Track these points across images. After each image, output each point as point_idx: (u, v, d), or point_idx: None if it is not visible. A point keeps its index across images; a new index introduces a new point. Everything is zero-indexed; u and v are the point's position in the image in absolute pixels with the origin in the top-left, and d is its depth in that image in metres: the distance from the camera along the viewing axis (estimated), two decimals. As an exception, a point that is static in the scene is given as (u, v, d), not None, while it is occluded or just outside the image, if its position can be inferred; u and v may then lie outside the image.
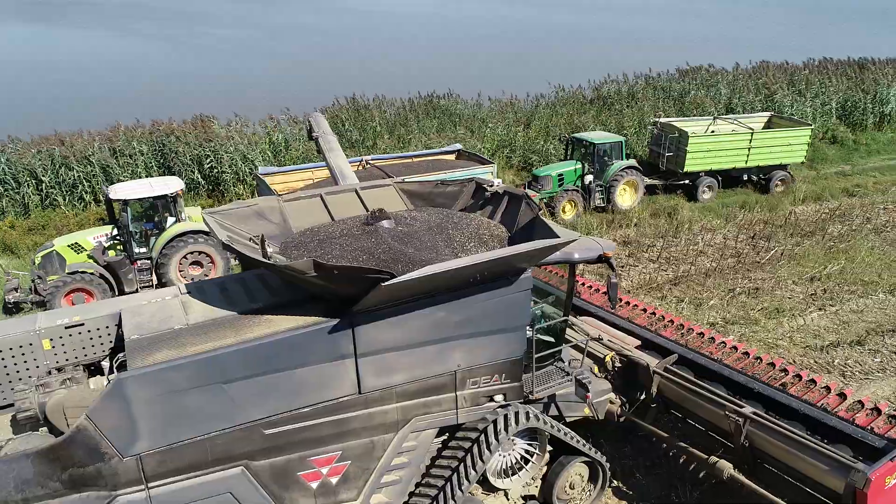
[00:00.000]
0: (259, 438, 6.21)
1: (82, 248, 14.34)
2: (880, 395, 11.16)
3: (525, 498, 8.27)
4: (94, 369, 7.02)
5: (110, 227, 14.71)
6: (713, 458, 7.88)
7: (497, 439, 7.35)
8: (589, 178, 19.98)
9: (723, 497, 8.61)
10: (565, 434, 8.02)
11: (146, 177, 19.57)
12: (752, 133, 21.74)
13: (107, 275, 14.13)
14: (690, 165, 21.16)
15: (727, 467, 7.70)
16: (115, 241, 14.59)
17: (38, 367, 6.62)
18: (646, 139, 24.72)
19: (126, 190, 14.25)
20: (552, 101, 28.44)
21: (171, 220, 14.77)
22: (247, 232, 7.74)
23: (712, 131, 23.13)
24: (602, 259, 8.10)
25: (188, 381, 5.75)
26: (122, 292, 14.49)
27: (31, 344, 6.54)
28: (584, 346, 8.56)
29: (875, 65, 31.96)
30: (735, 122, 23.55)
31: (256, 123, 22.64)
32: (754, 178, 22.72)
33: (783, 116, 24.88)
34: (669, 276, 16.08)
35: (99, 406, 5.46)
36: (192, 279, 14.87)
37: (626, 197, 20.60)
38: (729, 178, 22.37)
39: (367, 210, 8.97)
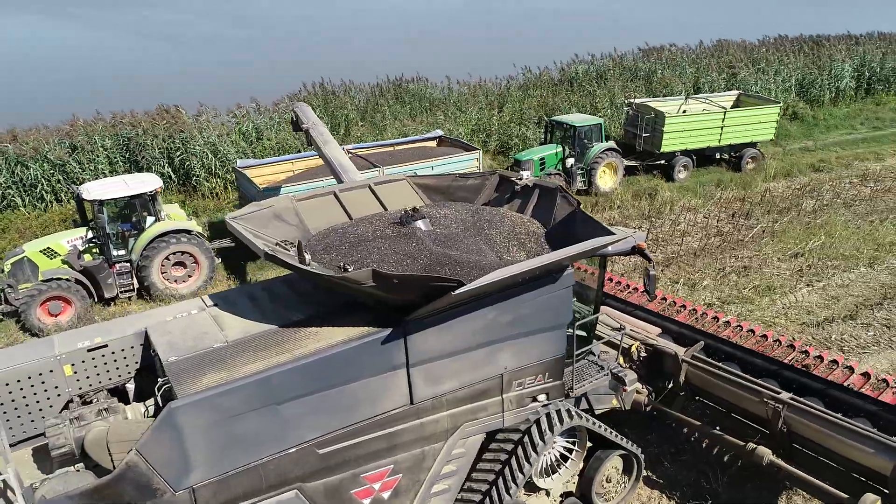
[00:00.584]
0: (313, 459, 5.87)
1: (56, 253, 13.43)
2: (879, 369, 11.51)
3: (563, 495, 8.17)
4: (115, 392, 6.51)
5: (84, 229, 13.82)
6: (751, 445, 7.93)
7: (543, 440, 7.19)
8: (570, 161, 19.92)
9: (751, 480, 8.73)
10: (603, 428, 7.93)
11: (111, 174, 18.51)
12: (725, 112, 22.06)
13: (84, 280, 13.30)
14: (667, 146, 21.35)
15: (766, 453, 7.76)
16: (91, 245, 13.71)
17: (59, 395, 6.08)
18: (619, 120, 24.82)
19: (101, 189, 13.37)
20: (522, 83, 28.21)
21: (150, 219, 13.97)
22: (269, 236, 7.28)
23: (684, 111, 23.37)
24: (636, 250, 7.97)
25: (242, 404, 5.36)
26: (100, 298, 13.70)
27: (51, 371, 5.99)
28: (618, 340, 8.47)
29: (829, 41, 32.90)
30: (706, 101, 23.86)
31: (223, 113, 21.66)
32: (726, 156, 23.11)
33: (751, 95, 25.35)
34: (660, 257, 16.21)
35: (150, 439, 5.02)
36: (176, 280, 14.17)
37: (606, 179, 20.64)
38: (702, 157, 22.70)
39: (384, 207, 8.62)
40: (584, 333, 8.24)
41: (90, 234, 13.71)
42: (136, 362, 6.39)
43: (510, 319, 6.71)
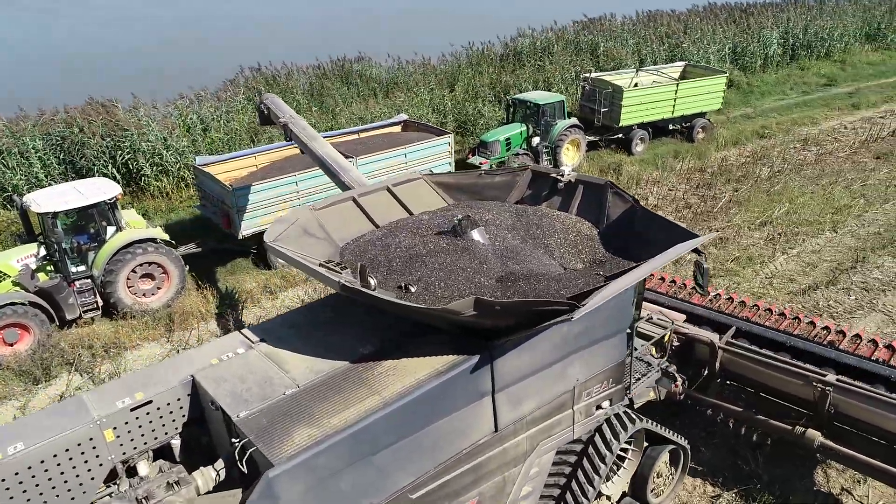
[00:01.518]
0: (406, 505, 5.37)
1: (5, 274, 11.93)
2: (868, 332, 12.04)
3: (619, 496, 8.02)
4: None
5: (34, 245, 12.35)
6: (799, 428, 8.01)
7: (610, 449, 6.97)
8: (536, 139, 19.67)
9: (785, 457, 8.89)
10: (657, 426, 7.80)
11: (48, 179, 16.70)
12: (678, 83, 22.38)
13: (41, 303, 11.90)
14: (626, 119, 21.47)
15: (816, 436, 7.86)
16: (46, 262, 12.29)
17: (100, 465, 5.24)
18: (572, 95, 24.78)
19: (52, 200, 11.91)
20: (468, 60, 27.63)
21: (110, 230, 12.66)
22: (308, 257, 6.57)
23: (636, 84, 23.60)
24: None
25: (339, 461, 4.78)
26: (62, 321, 12.35)
27: (90, 439, 5.14)
28: (666, 337, 8.33)
29: (756, 8, 34.05)
30: (656, 73, 24.14)
31: (161, 105, 19.95)
32: (678, 127, 23.54)
33: (696, 65, 25.85)
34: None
35: (247, 515, 4.36)
36: (144, 294, 12.97)
37: (569, 156, 20.57)
38: (656, 129, 23.01)
39: (409, 211, 8.03)
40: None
41: (43, 251, 12.27)
42: (184, 416, 5.62)
43: (583, 329, 6.38)
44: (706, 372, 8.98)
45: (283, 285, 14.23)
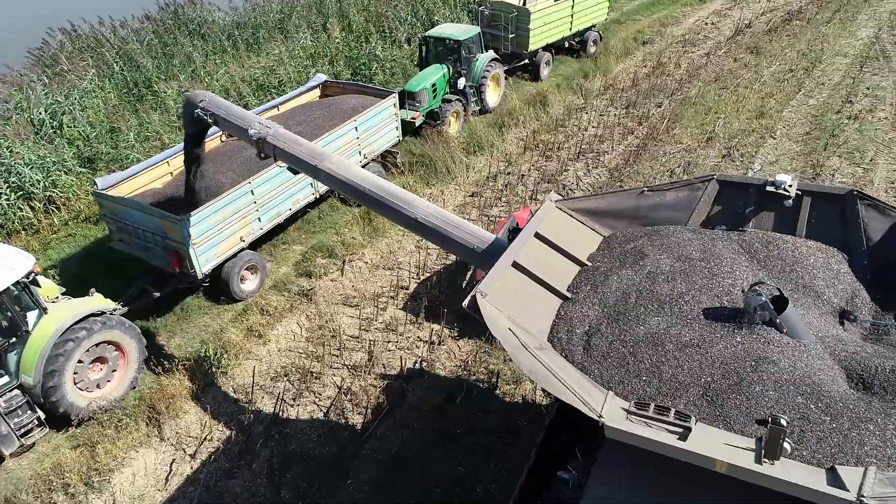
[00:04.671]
0: None
1: None
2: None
3: None
4: None
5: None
6: None
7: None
8: (462, 81, 17.66)
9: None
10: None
11: None
12: (574, -1, 21.38)
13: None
14: (534, 43, 20.18)
15: None
16: (-58, 389, 8.33)
17: None
18: (464, 22, 22.75)
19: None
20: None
21: (31, 315, 8.88)
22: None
23: (523, 2, 22.18)
24: None
25: None
26: (-5, 459, 8.65)
27: None
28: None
29: None
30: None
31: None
32: (573, 43, 22.81)
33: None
34: (603, 177, 15.56)
35: None
36: (98, 385, 9.53)
37: (490, 92, 18.92)
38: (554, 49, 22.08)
39: (581, 262, 6.13)
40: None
41: (-67, 373, 8.27)
42: None
43: None
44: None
45: (266, 322, 11.38)
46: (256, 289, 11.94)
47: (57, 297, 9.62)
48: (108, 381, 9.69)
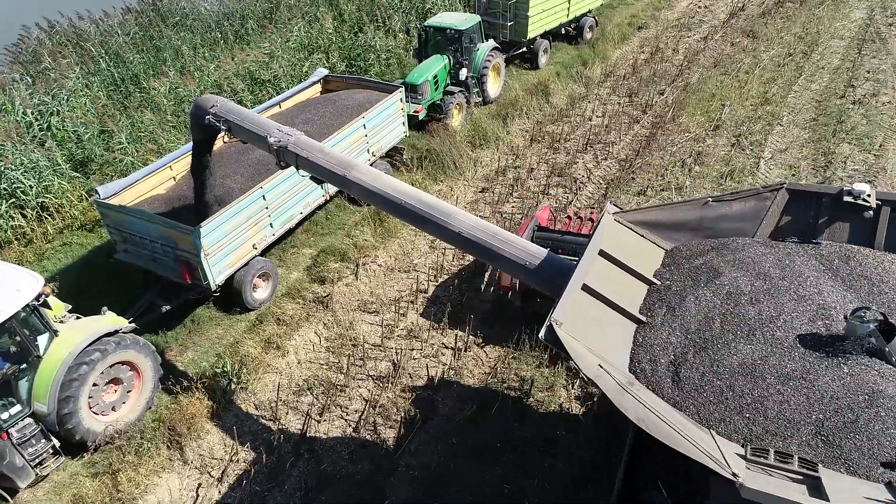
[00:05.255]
0: None
1: None
2: None
3: None
4: None
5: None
6: None
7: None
8: (464, 72, 17.17)
9: None
10: None
11: None
12: (572, -16, 20.93)
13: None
14: (533, 30, 19.73)
15: None
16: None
17: None
18: (458, 10, 22.16)
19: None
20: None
21: (42, 339, 8.35)
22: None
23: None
24: None
25: None
26: (12, 493, 8.15)
27: None
28: None
29: None
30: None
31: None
32: (569, 30, 22.40)
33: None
34: (614, 168, 15.28)
35: None
36: (114, 408, 9.06)
37: (491, 83, 18.48)
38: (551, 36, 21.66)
39: (646, 279, 5.82)
40: None
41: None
42: None
43: None
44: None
45: (283, 332, 10.94)
46: (269, 297, 11.48)
47: (64, 316, 9.07)
48: (124, 402, 9.20)
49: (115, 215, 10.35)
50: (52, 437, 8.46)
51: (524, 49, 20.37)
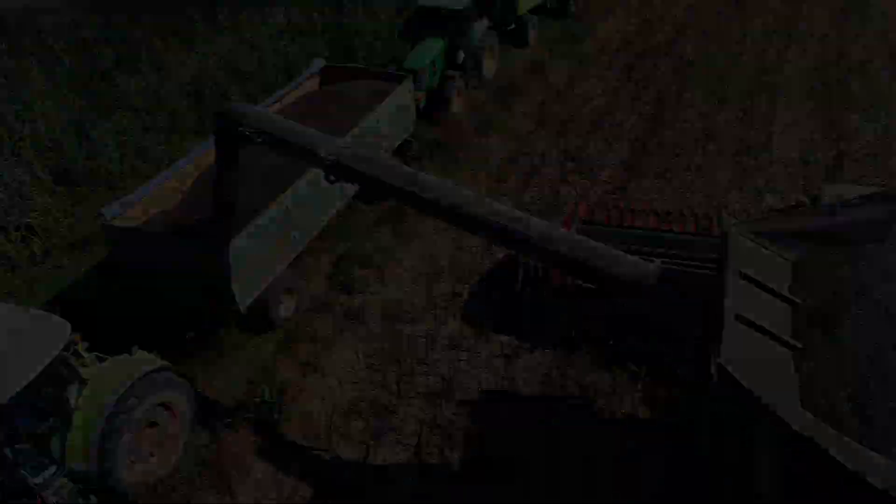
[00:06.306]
0: None
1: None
2: None
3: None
4: None
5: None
6: None
7: None
8: (462, 54, 16.38)
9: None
10: None
11: None
12: (557, -44, 20.19)
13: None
14: (523, 8, 19.01)
15: None
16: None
17: None
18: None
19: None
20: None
21: (72, 389, 7.44)
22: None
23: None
24: None
25: None
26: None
27: None
28: None
29: None
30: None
31: None
32: (553, 3, 21.71)
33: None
34: (626, 150, 14.83)
35: None
36: (152, 454, 8.24)
37: (486, 63, 17.71)
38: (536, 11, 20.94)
39: (792, 300, 5.30)
40: None
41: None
42: None
43: None
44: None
45: (317, 350, 10.21)
46: (294, 311, 10.70)
47: (86, 359, 8.13)
48: (162, 445, 8.39)
49: (125, 240, 9.33)
50: (91, 496, 7.61)
51: (513, 26, 19.62)
